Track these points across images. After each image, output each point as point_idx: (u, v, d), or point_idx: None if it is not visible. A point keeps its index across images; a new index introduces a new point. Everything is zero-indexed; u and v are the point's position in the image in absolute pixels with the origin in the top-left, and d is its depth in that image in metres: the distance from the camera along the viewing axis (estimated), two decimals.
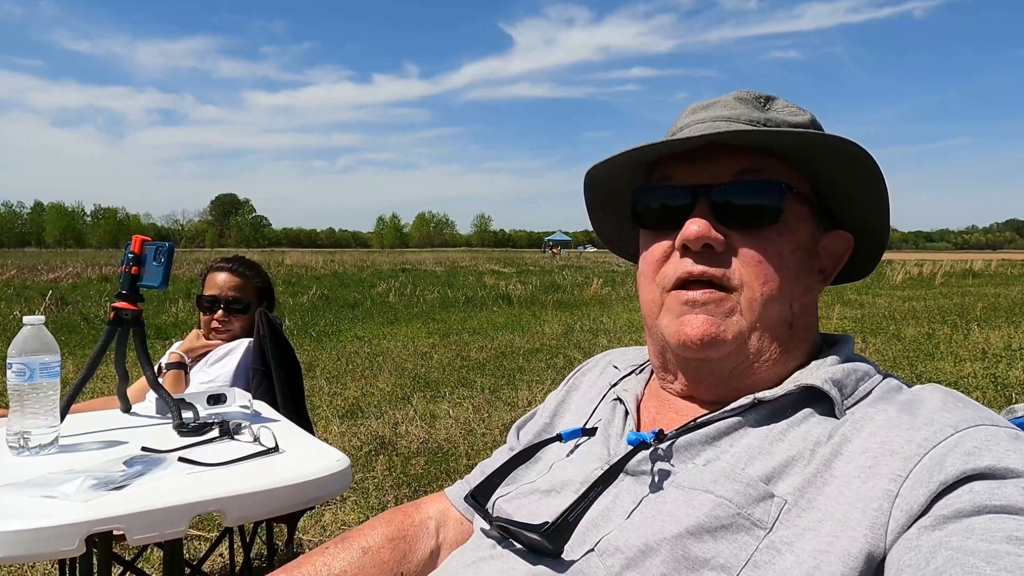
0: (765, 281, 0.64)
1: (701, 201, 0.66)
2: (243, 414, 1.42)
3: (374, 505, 2.94)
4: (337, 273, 20.29)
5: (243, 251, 64.03)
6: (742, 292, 0.64)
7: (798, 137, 0.63)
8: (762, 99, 0.71)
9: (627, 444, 0.66)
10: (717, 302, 0.64)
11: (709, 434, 0.63)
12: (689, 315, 0.65)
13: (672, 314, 0.66)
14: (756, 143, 0.66)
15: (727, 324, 0.64)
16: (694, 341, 0.64)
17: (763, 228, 0.65)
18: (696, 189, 0.66)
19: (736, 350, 0.65)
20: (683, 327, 0.65)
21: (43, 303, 9.82)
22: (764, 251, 0.64)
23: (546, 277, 18.86)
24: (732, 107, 0.69)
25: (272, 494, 0.97)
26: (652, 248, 0.70)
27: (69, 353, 6.58)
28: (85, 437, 1.22)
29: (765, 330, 0.65)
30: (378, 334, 8.48)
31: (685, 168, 0.68)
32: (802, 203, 0.68)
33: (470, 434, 4.00)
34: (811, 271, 0.69)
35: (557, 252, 50.76)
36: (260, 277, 2.17)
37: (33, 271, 18.07)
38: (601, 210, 0.82)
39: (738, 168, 0.66)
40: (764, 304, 0.64)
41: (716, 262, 0.65)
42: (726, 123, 0.67)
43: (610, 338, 8.00)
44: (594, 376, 0.86)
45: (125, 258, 1.32)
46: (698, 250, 0.65)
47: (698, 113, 0.71)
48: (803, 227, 0.67)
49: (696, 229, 0.64)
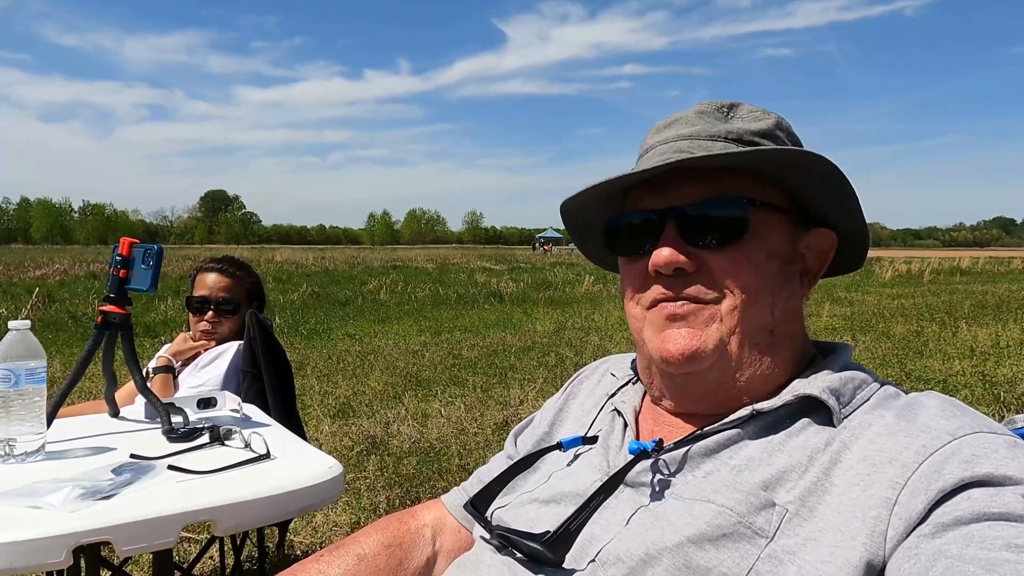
0: (742, 290, 0.65)
1: (669, 224, 0.67)
2: (233, 418, 1.40)
3: (366, 506, 2.92)
4: (328, 270, 20.21)
5: (233, 248, 63.17)
6: (721, 303, 0.65)
7: (749, 156, 0.64)
8: (724, 108, 0.71)
9: (628, 453, 0.65)
10: (696, 312, 0.65)
11: (709, 446, 0.63)
12: (670, 330, 0.66)
13: (654, 328, 0.67)
14: (715, 164, 0.66)
15: (707, 334, 0.65)
16: (676, 356, 0.65)
17: (731, 243, 0.65)
18: (662, 212, 0.67)
19: (718, 360, 0.65)
20: (665, 343, 0.66)
21: (30, 301, 9.71)
22: (736, 263, 0.65)
23: (537, 274, 18.86)
24: (692, 123, 0.69)
25: (263, 502, 0.96)
26: (629, 272, 0.71)
27: (56, 352, 6.51)
28: (72, 443, 1.20)
29: (745, 336, 0.65)
30: (369, 332, 8.44)
31: (652, 195, 0.69)
32: (772, 211, 0.67)
33: (462, 433, 3.99)
34: (791, 276, 0.69)
35: (548, 249, 50.80)
36: (250, 277, 2.15)
37: (19, 268, 17.88)
38: (580, 237, 0.83)
39: (701, 189, 0.66)
40: (743, 311, 0.64)
41: (690, 282, 0.66)
42: (687, 142, 0.68)
43: (602, 336, 8.00)
44: (592, 384, 0.86)
45: (113, 261, 1.30)
46: (670, 274, 0.66)
47: (662, 132, 0.71)
48: (775, 234, 0.67)
49: (665, 255, 0.65)
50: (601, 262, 0.88)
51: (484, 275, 18.34)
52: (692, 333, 0.65)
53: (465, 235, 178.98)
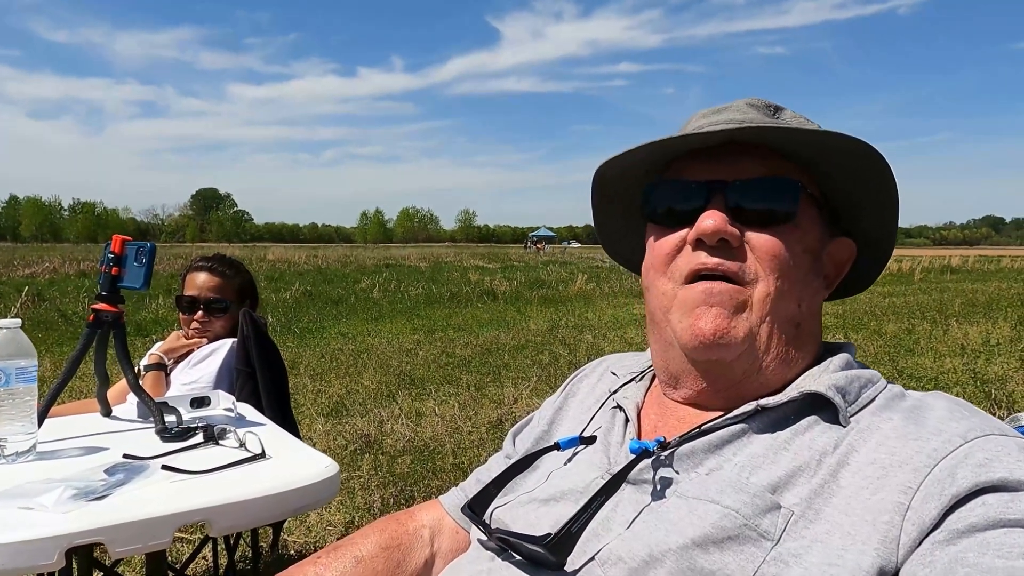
0: (778, 276, 0.64)
1: (716, 197, 0.66)
2: (227, 418, 1.39)
3: (360, 505, 2.91)
4: (320, 269, 20.14)
5: (224, 246, 62.92)
6: (755, 286, 0.64)
7: (817, 137, 0.63)
8: (772, 107, 0.71)
9: (629, 452, 0.64)
10: (731, 294, 0.63)
11: (712, 442, 0.62)
12: (702, 307, 0.64)
13: (685, 307, 0.65)
14: (774, 143, 0.66)
15: (737, 321, 0.63)
16: (707, 336, 0.63)
17: (777, 226, 0.65)
18: (711, 185, 0.66)
19: (747, 350, 0.64)
20: (697, 321, 0.64)
21: (19, 299, 9.62)
22: (777, 248, 0.64)
23: (531, 273, 18.86)
24: (744, 111, 0.69)
25: (259, 503, 0.95)
26: (662, 241, 0.69)
27: (47, 351, 6.46)
28: (64, 443, 1.18)
29: (774, 325, 0.64)
30: (362, 331, 8.42)
31: (700, 165, 0.68)
32: (813, 206, 0.68)
33: (456, 432, 3.98)
34: (817, 275, 0.69)
35: (541, 248, 50.79)
36: (241, 276, 2.13)
37: (9, 266, 17.72)
38: (606, 209, 0.81)
39: (755, 167, 0.66)
40: (776, 300, 0.64)
41: (731, 256, 0.64)
42: (739, 124, 0.66)
43: (595, 334, 8.01)
44: (592, 382, 0.85)
45: (105, 258, 1.29)
46: (713, 244, 0.64)
47: (710, 117, 0.70)
48: (813, 230, 0.68)
49: (712, 223, 0.63)
50: (610, 245, 0.86)
51: (477, 274, 18.32)
52: (723, 314, 0.63)
53: (458, 233, 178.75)
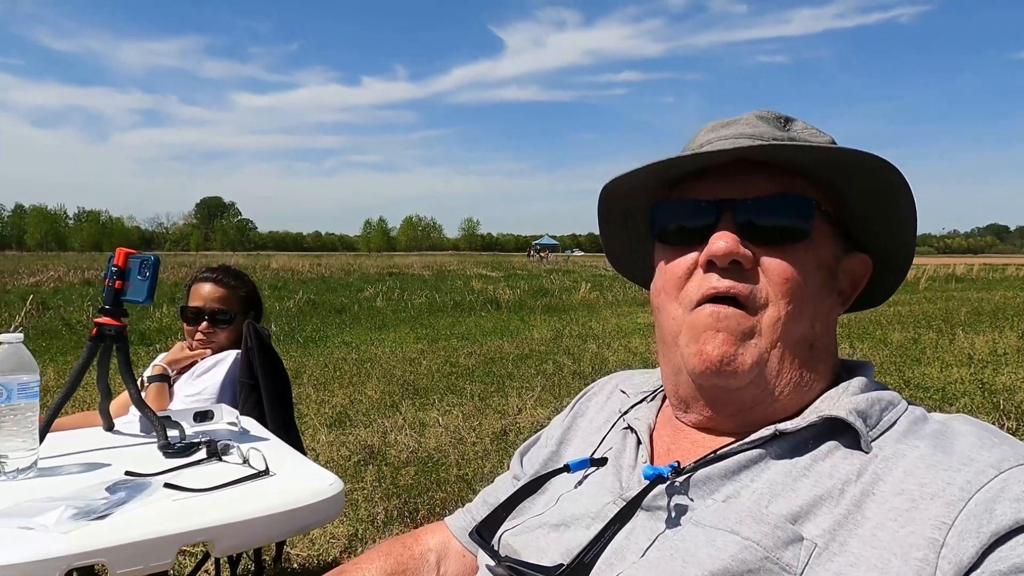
0: (791, 299, 0.62)
1: (726, 216, 0.64)
2: (231, 432, 1.37)
3: (363, 517, 2.89)
4: (324, 277, 20.15)
5: (228, 255, 62.97)
6: (765, 312, 0.62)
7: (830, 154, 0.62)
8: (782, 119, 0.69)
9: (643, 478, 0.62)
10: (738, 320, 0.62)
11: (729, 468, 0.60)
12: (709, 332, 0.62)
13: (692, 332, 0.63)
14: (785, 160, 0.64)
15: (746, 349, 0.62)
16: (714, 362, 0.61)
17: (790, 245, 0.63)
18: (721, 204, 0.64)
19: (757, 377, 0.62)
20: (704, 346, 0.62)
21: (23, 308, 9.63)
22: (790, 268, 0.62)
23: (534, 281, 18.85)
24: (754, 125, 0.67)
25: (262, 522, 0.93)
26: (673, 264, 0.67)
27: (51, 360, 6.46)
28: (66, 459, 1.17)
29: (785, 349, 0.62)
30: (366, 340, 8.41)
31: (709, 184, 0.66)
32: (827, 222, 0.66)
33: (460, 443, 3.96)
34: (832, 291, 0.67)
35: (545, 256, 50.81)
36: (246, 287, 2.12)
37: (13, 275, 17.76)
38: (613, 227, 0.79)
39: (765, 184, 0.64)
40: (786, 324, 0.62)
41: (743, 278, 0.62)
42: (749, 140, 0.65)
43: (599, 344, 7.98)
44: (600, 401, 0.83)
45: (108, 272, 1.28)
46: (725, 266, 0.63)
47: (718, 131, 0.69)
48: (827, 244, 0.66)
49: (724, 244, 0.62)
50: (619, 263, 0.85)
51: (481, 282, 18.31)
52: (730, 341, 0.61)
53: (461, 242, 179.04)
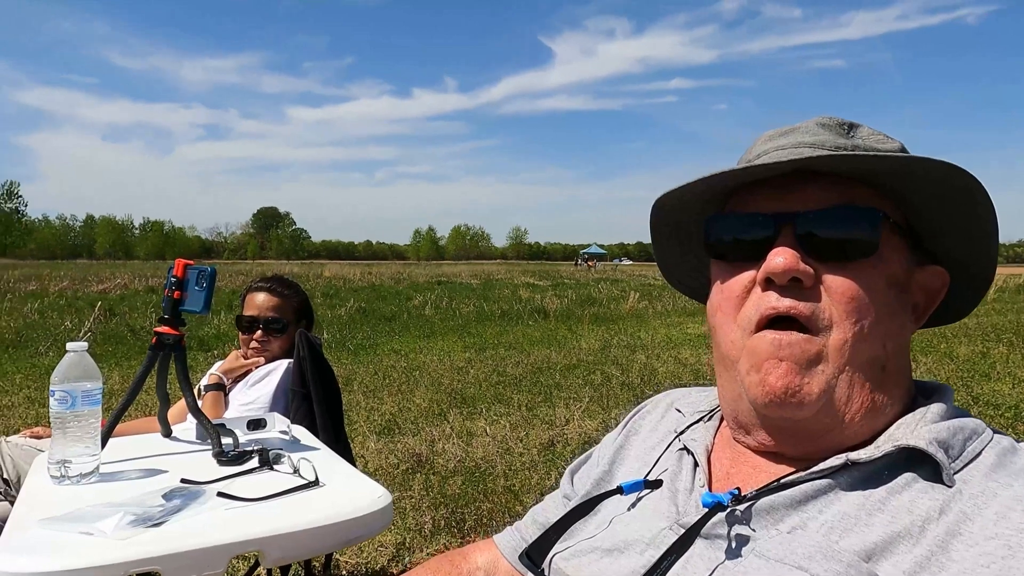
0: (858, 320, 0.58)
1: (785, 230, 0.60)
2: (282, 441, 1.39)
3: (411, 526, 2.89)
4: (374, 286, 20.48)
5: (283, 263, 64.59)
6: (830, 334, 0.58)
7: (898, 163, 0.57)
8: (845, 125, 0.65)
9: (701, 505, 0.59)
10: (802, 347, 0.58)
11: (794, 497, 0.56)
12: (771, 361, 0.58)
13: (753, 359, 0.60)
14: (847, 170, 0.60)
15: (811, 377, 0.58)
16: (778, 393, 0.58)
17: (856, 261, 0.59)
18: (780, 217, 0.61)
19: (825, 406, 0.58)
20: (766, 376, 0.58)
21: (92, 314, 10.10)
22: (856, 286, 0.58)
23: (582, 290, 18.73)
24: (815, 133, 0.63)
25: (312, 533, 0.93)
26: (730, 282, 0.64)
27: (115, 364, 6.73)
28: (125, 465, 1.20)
29: (855, 374, 0.58)
30: (414, 348, 8.49)
31: (767, 196, 0.63)
32: (896, 234, 0.62)
33: (508, 453, 3.94)
34: (904, 308, 0.63)
35: (592, 265, 50.53)
36: (298, 296, 2.17)
37: (84, 282, 18.66)
38: (666, 240, 0.76)
39: (827, 195, 0.60)
40: (854, 345, 0.58)
41: (804, 297, 0.59)
42: (810, 149, 0.61)
43: (648, 354, 7.86)
44: (655, 419, 0.80)
45: (168, 282, 1.31)
46: (784, 284, 0.59)
47: (776, 140, 0.65)
48: (897, 259, 0.61)
49: (783, 261, 0.58)
50: (673, 278, 0.81)
51: (528, 291, 18.31)
52: (794, 370, 0.58)
53: (509, 251, 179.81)
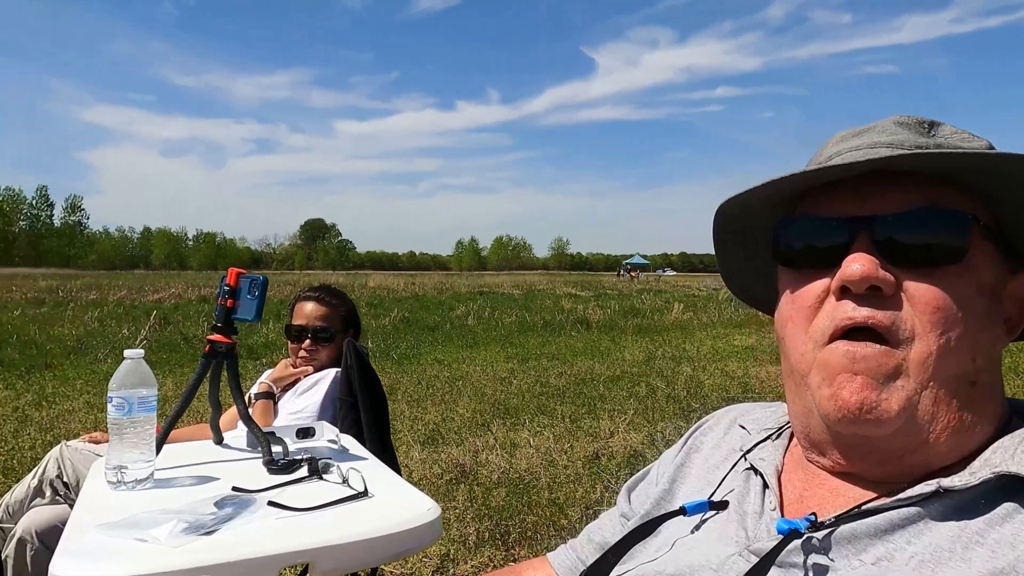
0: (943, 331, 0.53)
1: (862, 235, 0.56)
2: (331, 450, 1.39)
3: (455, 538, 2.88)
4: (417, 296, 20.69)
5: (329, 274, 66.20)
6: (911, 346, 0.53)
7: (987, 160, 0.53)
8: (926, 124, 0.61)
9: (774, 531, 0.55)
10: (879, 360, 0.53)
11: (879, 525, 0.52)
12: (845, 375, 0.54)
13: (825, 373, 0.56)
14: (930, 169, 0.56)
15: (890, 392, 0.53)
16: (852, 409, 0.53)
17: (941, 268, 0.54)
18: (856, 222, 0.57)
19: (906, 424, 0.54)
20: (839, 391, 0.54)
21: (148, 322, 10.45)
22: (943, 294, 0.54)
23: (625, 301, 18.55)
24: (892, 132, 0.59)
25: (362, 545, 0.92)
26: (801, 291, 0.60)
27: (169, 371, 6.94)
28: (178, 471, 1.21)
29: (940, 390, 0.53)
30: (457, 358, 8.51)
31: (841, 199, 0.59)
32: (987, 239, 0.57)
33: (552, 465, 3.89)
34: (996, 319, 0.58)
35: (635, 276, 50.06)
36: (345, 306, 2.19)
37: (140, 291, 19.38)
38: (730, 247, 0.73)
39: (908, 197, 0.56)
40: (939, 359, 0.53)
41: (883, 307, 0.54)
42: (888, 149, 0.57)
43: (694, 366, 7.71)
44: (717, 436, 0.76)
45: (221, 291, 1.33)
46: (861, 292, 0.55)
47: (850, 140, 0.61)
48: (988, 266, 0.57)
49: (860, 268, 0.54)
50: (742, 288, 0.77)
51: (570, 301, 18.22)
52: (870, 384, 0.53)
53: (551, 261, 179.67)
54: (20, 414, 5.04)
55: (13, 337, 9.07)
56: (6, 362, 7.30)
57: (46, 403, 5.44)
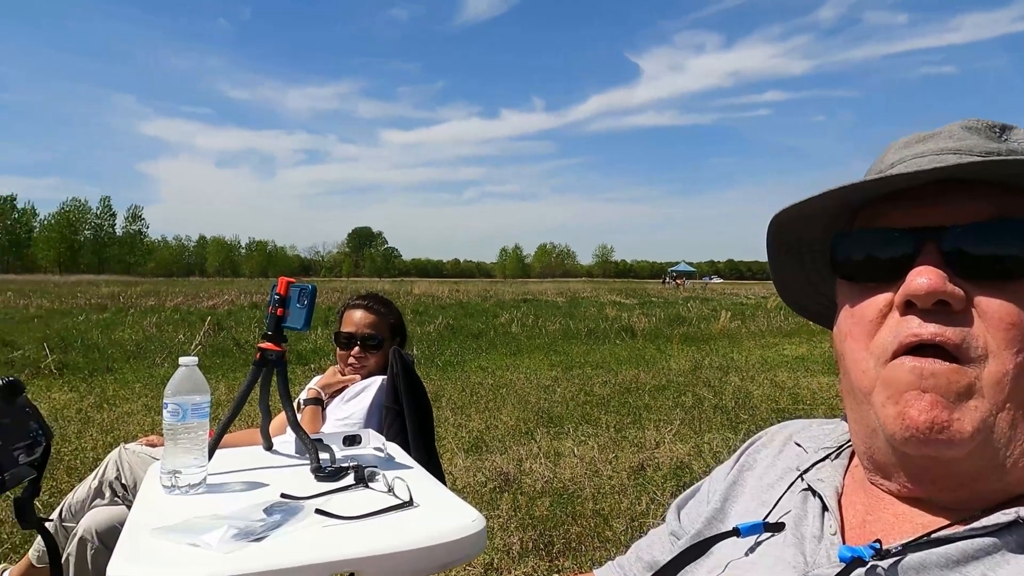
0: (1020, 349, 0.50)
1: (928, 247, 0.53)
2: (377, 458, 1.40)
3: (499, 547, 2.87)
4: (462, 303, 20.82)
5: (376, 281, 67.38)
6: (984, 365, 0.50)
7: None
8: (997, 128, 0.58)
9: (834, 557, 0.53)
10: (949, 377, 0.50)
11: (951, 555, 0.49)
12: (912, 393, 0.51)
13: (890, 390, 0.53)
14: (1004, 177, 0.53)
15: (963, 412, 0.50)
16: (921, 429, 0.50)
17: (1016, 281, 0.51)
18: (921, 233, 0.54)
19: (980, 446, 0.50)
20: (907, 409, 0.51)
21: (202, 328, 10.79)
22: (1017, 310, 0.50)
23: (670, 309, 18.29)
24: (960, 138, 0.56)
25: (408, 556, 0.92)
26: (862, 305, 0.57)
27: (222, 376, 7.13)
28: (229, 477, 1.24)
29: (1018, 411, 0.50)
30: (501, 365, 8.52)
31: (905, 209, 0.56)
32: None
33: (596, 475, 3.85)
34: None
35: (681, 283, 49.35)
36: (393, 314, 2.21)
37: (196, 298, 20.04)
38: (784, 259, 0.70)
39: (979, 207, 0.53)
40: (1016, 379, 0.50)
41: (952, 322, 0.51)
42: (955, 156, 0.54)
43: (742, 376, 7.54)
44: (771, 454, 0.74)
45: (272, 299, 1.35)
46: (928, 307, 0.52)
47: (914, 147, 0.58)
48: None
49: (926, 281, 0.51)
50: (797, 300, 0.74)
51: (615, 309, 18.06)
52: (941, 403, 0.50)
53: (595, 268, 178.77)
54: (83, 416, 5.26)
55: (78, 341, 9.49)
56: (71, 366, 7.63)
57: (107, 405, 5.66)
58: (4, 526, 2.96)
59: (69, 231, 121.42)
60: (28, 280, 49.33)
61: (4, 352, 8.38)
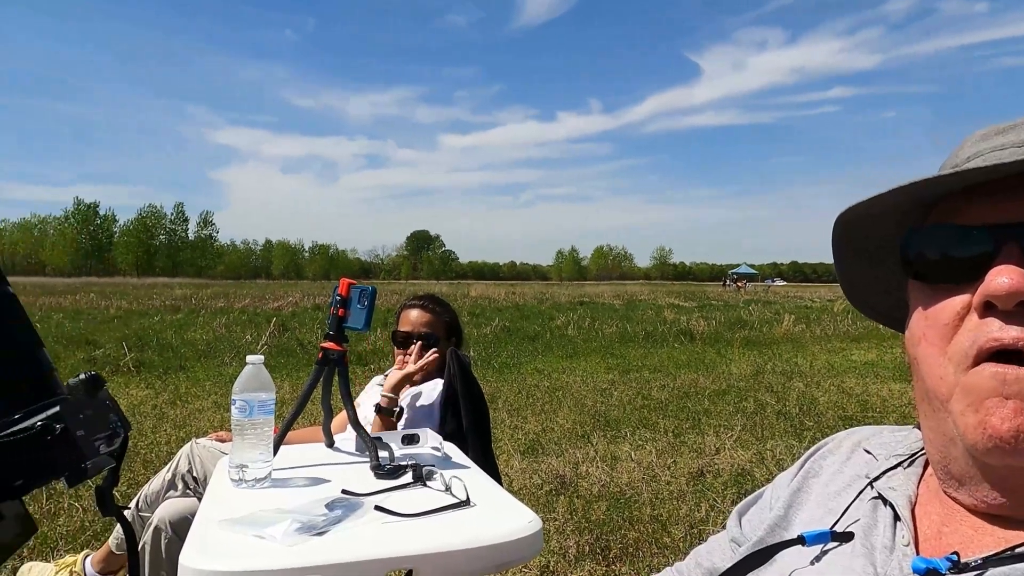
0: None
1: (1010, 245, 0.50)
2: (434, 457, 1.42)
3: (555, 550, 2.86)
4: (518, 306, 20.88)
5: (432, 284, 68.71)
6: None
7: None
8: None
9: (907, 569, 0.50)
10: None
11: None
12: (994, 400, 0.48)
13: (970, 398, 0.50)
14: None
15: None
16: (1005, 437, 0.47)
17: None
18: (1001, 230, 0.51)
19: None
20: (988, 417, 0.48)
21: (268, 329, 11.17)
22: None
23: (731, 312, 17.85)
24: None
25: (464, 555, 0.93)
26: (936, 307, 0.54)
27: (287, 375, 7.36)
28: (293, 472, 1.28)
29: None
30: (557, 368, 8.49)
31: (982, 205, 0.53)
32: None
33: (654, 480, 3.79)
34: None
35: (742, 286, 48.13)
36: (449, 314, 2.24)
37: (261, 300, 20.79)
38: (852, 259, 0.67)
39: None
40: None
41: None
42: None
43: (806, 382, 7.29)
44: (838, 461, 0.71)
45: (333, 300, 1.39)
46: (1009, 308, 0.49)
47: (992, 139, 0.55)
48: None
49: (1008, 281, 0.48)
50: (865, 301, 0.71)
51: (673, 312, 17.75)
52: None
53: (653, 271, 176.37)
54: (158, 411, 5.52)
55: (153, 341, 9.98)
56: (147, 364, 8.03)
57: (180, 402, 5.93)
58: (87, 514, 3.13)
59: (146, 236, 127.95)
60: (108, 283, 52.31)
61: (87, 350, 8.90)
